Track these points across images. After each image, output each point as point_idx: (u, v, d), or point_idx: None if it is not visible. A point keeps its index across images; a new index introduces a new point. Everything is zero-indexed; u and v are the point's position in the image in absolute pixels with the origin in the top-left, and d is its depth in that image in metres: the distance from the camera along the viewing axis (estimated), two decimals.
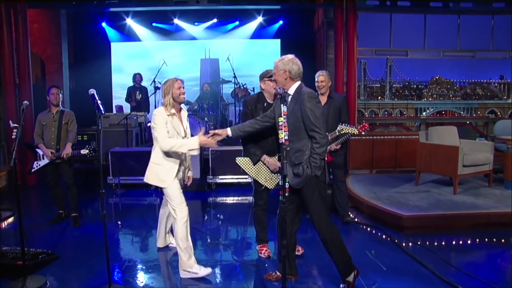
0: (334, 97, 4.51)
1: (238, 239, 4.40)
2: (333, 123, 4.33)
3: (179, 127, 3.46)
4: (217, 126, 8.12)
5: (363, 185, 6.04)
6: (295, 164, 2.94)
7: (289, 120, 2.85)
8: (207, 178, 6.70)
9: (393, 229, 4.48)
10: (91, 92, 3.02)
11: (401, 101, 52.81)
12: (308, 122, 2.88)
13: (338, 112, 4.46)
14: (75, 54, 10.43)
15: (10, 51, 7.12)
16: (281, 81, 3.02)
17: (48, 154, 4.63)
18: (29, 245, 3.70)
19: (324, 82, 4.42)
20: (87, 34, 10.24)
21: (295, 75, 3.01)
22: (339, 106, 4.46)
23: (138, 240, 4.43)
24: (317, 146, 2.86)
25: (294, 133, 2.90)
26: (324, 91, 4.44)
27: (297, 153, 2.93)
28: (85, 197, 5.99)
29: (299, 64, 3.02)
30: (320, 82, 4.43)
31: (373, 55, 9.35)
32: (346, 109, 4.54)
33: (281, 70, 3.00)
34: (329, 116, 4.37)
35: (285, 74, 2.98)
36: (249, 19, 10.53)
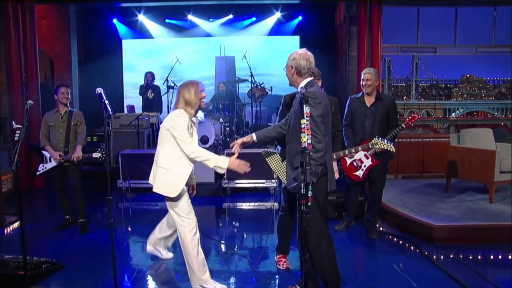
0: (383, 98, 4.27)
1: (255, 248, 4.31)
2: (380, 127, 4.18)
3: (195, 134, 3.35)
4: (232, 128, 8.07)
5: (389, 191, 5.86)
6: (294, 168, 2.84)
7: (291, 120, 2.79)
8: (222, 182, 6.64)
9: (422, 240, 4.32)
10: (98, 91, 2.99)
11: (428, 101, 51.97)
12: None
13: (387, 116, 4.23)
14: (84, 51, 10.56)
15: (17, 48, 7.17)
16: (290, 78, 2.93)
17: (57, 157, 4.61)
18: (32, 253, 3.67)
19: (370, 81, 4.20)
20: (97, 31, 10.35)
21: (304, 71, 2.87)
22: (388, 108, 4.24)
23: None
24: (312, 150, 2.65)
25: (293, 133, 2.83)
26: (370, 90, 4.24)
27: (296, 155, 2.81)
28: (93, 201, 6.00)
29: (310, 59, 2.87)
30: (366, 80, 4.21)
31: (399, 52, 9.19)
32: (395, 112, 4.31)
33: (288, 66, 2.91)
34: (376, 119, 4.20)
35: (291, 70, 2.88)
36: (266, 14, 10.49)
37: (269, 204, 6.20)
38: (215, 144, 7.56)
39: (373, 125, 4.20)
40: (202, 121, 7.53)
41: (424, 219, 4.51)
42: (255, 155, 6.62)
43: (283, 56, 2.92)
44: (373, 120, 4.20)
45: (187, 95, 3.21)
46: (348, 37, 9.35)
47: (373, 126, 4.20)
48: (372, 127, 4.20)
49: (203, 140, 7.43)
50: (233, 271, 3.73)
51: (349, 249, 4.21)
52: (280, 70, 3.38)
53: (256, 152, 6.68)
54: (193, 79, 3.35)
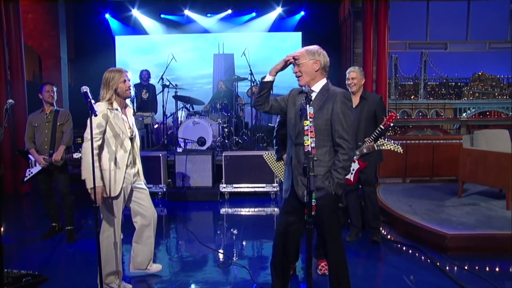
0: (368, 98, 4.26)
1: (255, 258, 4.23)
2: (366, 128, 4.13)
3: (123, 125, 3.28)
4: (231, 129, 8.00)
5: (396, 196, 5.85)
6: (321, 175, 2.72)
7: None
8: (219, 186, 6.58)
9: (434, 250, 4.23)
10: (83, 90, 2.92)
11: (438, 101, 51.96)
12: (338, 127, 2.65)
13: (373, 116, 4.22)
14: (75, 48, 10.52)
15: (1, 44, 7.04)
16: (310, 73, 2.74)
17: (41, 161, 4.52)
18: (13, 264, 3.60)
19: (356, 80, 4.20)
20: (89, 26, 10.30)
21: (327, 70, 2.80)
22: (373, 108, 4.22)
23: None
24: (345, 158, 2.63)
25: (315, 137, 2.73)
26: (355, 89, 4.23)
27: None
28: (82, 207, 5.91)
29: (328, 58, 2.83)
30: (352, 79, 4.20)
31: (406, 48, 9.13)
32: (383, 112, 4.27)
33: (311, 59, 2.73)
34: (361, 120, 4.15)
35: (316, 64, 2.73)
36: (267, 10, 10.46)
37: (269, 209, 6.13)
38: (212, 146, 7.50)
39: (358, 125, 4.12)
40: (199, 122, 7.47)
41: (435, 227, 4.42)
42: (254, 158, 6.58)
43: (284, 54, 2.83)
44: (358, 122, 4.11)
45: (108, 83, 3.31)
46: (353, 33, 9.30)
47: (358, 128, 4.11)
48: (358, 130, 4.09)
49: (200, 142, 7.36)
50: (231, 282, 3.64)
51: (356, 259, 4.12)
52: None
53: (256, 154, 6.64)
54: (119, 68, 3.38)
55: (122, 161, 3.26)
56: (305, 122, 2.42)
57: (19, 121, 6.92)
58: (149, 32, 10.81)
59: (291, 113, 2.82)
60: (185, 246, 4.54)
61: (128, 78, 3.31)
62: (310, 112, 2.40)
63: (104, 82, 3.28)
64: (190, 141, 7.37)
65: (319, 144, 2.65)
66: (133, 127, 3.41)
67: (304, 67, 2.73)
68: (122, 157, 3.27)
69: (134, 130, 3.42)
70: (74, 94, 9.71)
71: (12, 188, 6.98)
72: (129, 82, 3.33)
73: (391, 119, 4.01)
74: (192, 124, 7.53)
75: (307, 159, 2.34)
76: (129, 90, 3.32)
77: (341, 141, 2.65)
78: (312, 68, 2.73)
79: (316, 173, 2.53)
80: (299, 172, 2.72)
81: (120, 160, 3.25)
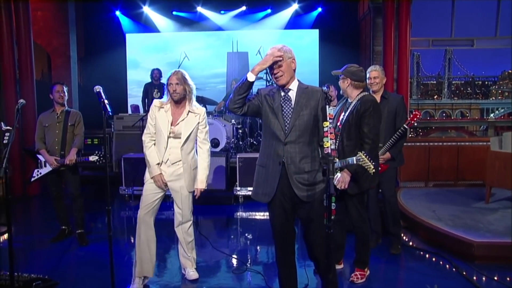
0: (389, 98, 4.29)
1: (269, 263, 4.26)
2: (386, 128, 4.15)
3: (165, 123, 3.55)
4: (245, 130, 8.04)
5: (418, 201, 5.83)
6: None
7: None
8: (233, 189, 6.62)
9: (459, 258, 4.19)
10: (96, 90, 2.99)
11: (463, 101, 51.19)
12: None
13: (393, 116, 4.24)
14: (85, 46, 10.67)
15: (10, 42, 7.16)
16: (290, 72, 2.84)
17: (52, 161, 4.62)
18: (23, 268, 3.67)
19: (378, 79, 4.23)
20: (99, 24, 10.44)
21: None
22: (394, 108, 4.24)
23: None
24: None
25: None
26: (377, 89, 4.25)
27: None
28: (93, 210, 6.03)
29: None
30: (373, 78, 4.23)
31: (430, 46, 9.07)
32: (403, 113, 4.28)
33: (289, 58, 2.84)
34: (382, 120, 4.17)
35: (293, 63, 2.87)
36: (282, 6, 10.46)
37: None
38: (226, 147, 7.55)
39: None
40: (212, 122, 7.53)
41: (461, 234, 4.39)
42: None
43: (301, 51, 2.90)
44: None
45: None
46: (372, 30, 9.26)
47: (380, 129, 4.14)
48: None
49: (214, 144, 7.42)
50: None
51: (376, 265, 4.10)
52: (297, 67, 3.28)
53: None
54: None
55: (160, 155, 3.59)
56: (324, 123, 2.47)
57: (28, 121, 7.03)
58: (161, 30, 10.89)
59: (270, 113, 2.86)
60: (198, 251, 4.55)
61: (171, 82, 3.57)
62: (329, 113, 2.44)
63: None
64: None
65: (306, 141, 2.80)
66: (178, 127, 3.57)
67: (284, 66, 2.80)
68: (160, 152, 3.58)
69: (178, 130, 3.57)
70: (84, 94, 9.85)
71: (20, 190, 7.09)
72: (175, 85, 3.55)
73: (415, 118, 4.03)
74: None
75: (327, 161, 2.37)
76: (173, 93, 3.56)
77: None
78: (291, 67, 2.84)
79: (308, 170, 2.79)
80: (294, 171, 2.79)
81: (159, 154, 3.59)
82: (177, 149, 3.57)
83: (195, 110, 3.64)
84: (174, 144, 3.57)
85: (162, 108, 3.58)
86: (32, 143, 4.83)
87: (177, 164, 3.59)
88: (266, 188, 2.87)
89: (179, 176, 3.60)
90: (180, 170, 3.60)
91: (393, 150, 4.15)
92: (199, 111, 3.66)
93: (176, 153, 3.57)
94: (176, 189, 3.63)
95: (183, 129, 3.56)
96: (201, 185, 3.69)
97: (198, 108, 3.67)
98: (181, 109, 3.62)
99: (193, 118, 3.62)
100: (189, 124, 3.59)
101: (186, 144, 3.59)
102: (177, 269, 4.02)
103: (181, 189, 3.62)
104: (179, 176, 3.60)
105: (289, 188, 2.81)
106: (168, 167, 3.59)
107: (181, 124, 3.57)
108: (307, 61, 10.51)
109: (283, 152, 2.80)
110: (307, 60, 10.52)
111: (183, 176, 3.60)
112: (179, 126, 3.57)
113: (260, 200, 2.93)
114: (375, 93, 4.27)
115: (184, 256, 3.82)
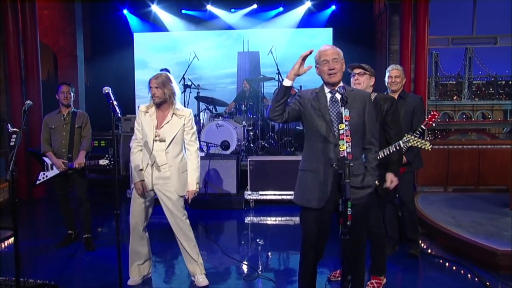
0: (406, 98, 4.32)
1: (281, 270, 4.27)
2: (404, 129, 4.14)
3: (150, 127, 3.62)
4: (257, 132, 8.06)
5: (437, 206, 5.78)
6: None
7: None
8: (244, 194, 6.64)
9: (481, 267, 4.13)
10: (105, 91, 3.03)
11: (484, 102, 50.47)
12: (371, 126, 2.96)
13: (410, 117, 4.26)
14: (92, 46, 10.75)
15: (16, 42, 7.20)
16: (341, 73, 2.95)
17: (60, 164, 4.64)
18: (28, 274, 3.69)
19: (398, 78, 4.27)
20: (106, 23, 10.51)
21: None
22: (412, 109, 4.26)
23: (161, 269, 4.39)
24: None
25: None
26: (397, 89, 4.29)
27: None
28: (101, 214, 6.08)
29: None
30: (394, 77, 4.26)
31: (449, 44, 8.99)
32: (421, 114, 4.30)
33: (341, 60, 2.94)
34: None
35: (343, 65, 2.97)
36: (295, 4, 10.46)
37: (297, 218, 6.11)
38: (237, 150, 7.57)
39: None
40: (223, 124, 7.55)
41: (484, 242, 4.32)
42: (282, 163, 6.61)
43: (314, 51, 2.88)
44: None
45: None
46: (388, 29, 9.21)
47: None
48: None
49: (224, 146, 7.44)
50: None
51: (393, 274, 4.08)
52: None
53: (284, 159, 6.67)
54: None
55: (145, 159, 3.67)
56: (340, 126, 2.47)
57: (34, 122, 7.08)
58: (170, 29, 10.93)
59: (316, 115, 2.87)
60: (208, 257, 4.60)
61: (151, 86, 3.66)
62: (345, 115, 2.44)
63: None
64: (213, 145, 7.46)
65: (355, 143, 2.78)
66: (162, 130, 3.63)
67: (339, 65, 2.89)
68: (145, 156, 3.67)
69: (163, 133, 3.62)
70: (91, 94, 9.94)
71: (25, 193, 7.14)
72: (154, 89, 3.62)
73: (433, 118, 4.03)
74: (215, 126, 7.62)
75: (342, 165, 2.38)
76: (153, 97, 3.63)
77: (373, 140, 2.95)
78: (343, 68, 2.93)
79: (357, 173, 2.81)
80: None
81: (145, 158, 3.67)
82: (162, 152, 3.62)
83: (179, 112, 3.68)
84: (159, 147, 3.63)
85: (147, 113, 3.66)
86: (38, 144, 4.87)
87: (163, 167, 3.64)
88: (320, 193, 2.85)
89: (166, 179, 3.65)
90: (166, 173, 3.64)
91: (409, 154, 4.13)
92: (184, 113, 3.70)
93: (161, 155, 3.63)
94: (164, 192, 3.67)
95: (167, 132, 3.62)
96: (192, 187, 3.72)
97: (183, 110, 3.72)
98: (165, 112, 3.68)
99: (177, 121, 3.66)
100: (174, 127, 3.64)
101: (171, 147, 3.63)
102: (186, 276, 4.02)
103: (170, 193, 3.66)
104: (166, 179, 3.65)
105: (338, 191, 2.79)
106: (154, 170, 3.66)
107: (165, 127, 3.63)
108: None
109: (334, 154, 2.80)
110: None
111: (170, 179, 3.64)
112: (164, 129, 3.63)
113: (311, 206, 2.89)
114: (394, 93, 4.29)
115: (191, 262, 3.82)
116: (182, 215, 3.72)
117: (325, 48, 2.90)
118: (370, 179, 2.89)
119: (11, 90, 7.23)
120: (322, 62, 2.86)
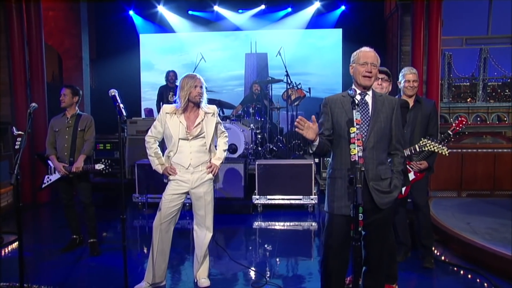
0: (422, 102, 4.30)
1: (290, 276, 4.25)
2: (420, 133, 4.15)
3: (179, 128, 3.64)
4: (265, 135, 8.05)
5: (451, 212, 5.74)
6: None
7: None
8: (252, 198, 6.63)
9: (498, 276, 4.07)
10: (111, 93, 3.06)
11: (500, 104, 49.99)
12: (398, 132, 3.01)
13: (427, 121, 4.25)
14: (97, 47, 10.80)
15: (21, 43, 7.22)
16: (375, 78, 3.08)
17: (60, 168, 4.65)
18: (33, 279, 3.71)
19: (416, 83, 4.25)
20: (112, 24, 10.57)
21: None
22: (428, 113, 4.24)
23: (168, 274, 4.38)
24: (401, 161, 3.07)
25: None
26: (413, 93, 4.27)
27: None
28: (106, 218, 6.09)
29: None
30: (412, 82, 4.23)
31: (463, 45, 8.96)
32: (436, 119, 4.32)
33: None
34: (416, 124, 4.19)
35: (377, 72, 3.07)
36: (304, 5, 10.47)
37: (306, 224, 6.13)
38: (244, 153, 7.57)
39: (413, 132, 4.17)
40: (230, 127, 7.55)
41: (500, 249, 4.27)
42: (290, 167, 6.59)
43: (323, 52, 2.93)
44: (413, 127, 4.17)
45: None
46: (400, 29, 9.16)
47: (413, 133, 4.17)
48: (412, 135, 4.17)
49: (231, 149, 7.44)
50: None
51: (406, 282, 4.06)
52: (319, 69, 3.33)
53: (292, 163, 6.66)
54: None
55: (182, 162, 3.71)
56: (351, 129, 2.48)
57: (39, 125, 7.13)
58: (176, 30, 10.98)
59: (344, 120, 2.89)
60: (214, 262, 4.60)
61: (197, 84, 3.63)
62: (357, 119, 2.44)
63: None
64: None
65: (383, 148, 2.92)
66: (196, 130, 3.67)
67: (376, 70, 2.96)
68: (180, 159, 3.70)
69: (200, 132, 3.69)
70: (96, 97, 9.98)
71: (30, 197, 7.15)
72: (199, 88, 3.63)
73: (461, 124, 4.03)
74: None
75: (353, 169, 2.38)
76: (198, 96, 3.63)
77: (399, 146, 3.00)
78: (377, 75, 3.05)
79: (384, 177, 2.89)
80: (371, 177, 2.86)
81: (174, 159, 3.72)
82: (200, 152, 3.71)
83: (209, 110, 3.77)
84: (195, 148, 3.69)
85: (175, 114, 3.66)
86: (43, 148, 4.90)
87: (199, 169, 3.74)
88: (350, 200, 2.82)
89: (204, 182, 3.78)
90: (204, 175, 3.77)
91: (430, 159, 4.13)
92: (212, 109, 3.80)
93: (198, 156, 3.71)
94: (199, 194, 3.78)
95: (206, 129, 3.70)
96: (217, 161, 3.88)
97: (209, 107, 3.80)
98: (196, 111, 3.72)
99: (210, 118, 3.76)
100: (209, 124, 3.74)
101: (208, 144, 3.74)
102: (191, 281, 4.04)
103: (205, 194, 3.79)
104: (204, 182, 3.78)
105: (367, 195, 2.83)
106: (191, 174, 3.72)
107: (202, 125, 3.69)
108: (329, 62, 10.50)
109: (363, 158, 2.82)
110: (329, 61, 10.51)
111: (207, 181, 3.80)
112: (201, 127, 3.68)
113: (344, 213, 2.86)
114: (410, 97, 4.27)
115: (199, 262, 3.94)
116: (211, 218, 3.96)
117: (367, 50, 2.96)
118: (397, 182, 2.93)
119: (16, 93, 7.24)
120: (361, 63, 2.90)
